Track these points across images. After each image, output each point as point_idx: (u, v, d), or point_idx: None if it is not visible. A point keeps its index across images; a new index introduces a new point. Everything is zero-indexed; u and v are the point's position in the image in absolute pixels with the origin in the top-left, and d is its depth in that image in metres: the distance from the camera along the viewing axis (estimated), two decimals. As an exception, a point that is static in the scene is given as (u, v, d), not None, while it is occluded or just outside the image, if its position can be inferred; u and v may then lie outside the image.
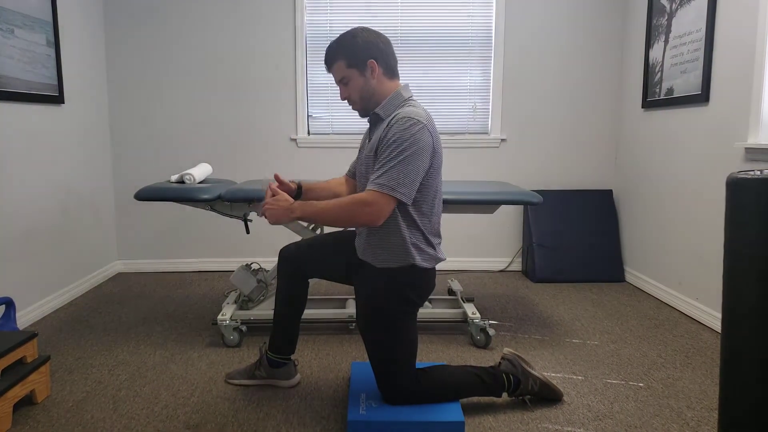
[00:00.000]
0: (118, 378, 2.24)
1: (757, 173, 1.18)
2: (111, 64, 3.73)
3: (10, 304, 2.37)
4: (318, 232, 2.70)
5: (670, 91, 3.19)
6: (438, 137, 1.79)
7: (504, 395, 2.00)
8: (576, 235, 3.75)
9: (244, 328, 2.56)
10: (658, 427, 1.89)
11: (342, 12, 3.74)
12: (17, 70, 2.76)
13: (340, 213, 1.73)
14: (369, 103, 1.88)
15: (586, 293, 3.42)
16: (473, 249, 3.96)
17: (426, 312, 2.65)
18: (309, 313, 2.63)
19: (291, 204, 1.77)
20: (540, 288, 3.53)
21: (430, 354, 2.48)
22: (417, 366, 2.08)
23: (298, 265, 2.05)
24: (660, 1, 3.30)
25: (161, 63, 3.74)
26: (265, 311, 2.63)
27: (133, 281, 3.66)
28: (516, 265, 3.97)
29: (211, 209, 2.63)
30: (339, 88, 1.90)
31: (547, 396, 2.03)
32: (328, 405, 2.04)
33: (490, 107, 3.83)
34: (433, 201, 1.84)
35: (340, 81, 1.88)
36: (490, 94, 3.82)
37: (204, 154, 3.83)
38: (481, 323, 2.53)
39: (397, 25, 3.76)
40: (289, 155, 3.84)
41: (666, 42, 3.24)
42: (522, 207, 3.93)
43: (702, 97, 2.88)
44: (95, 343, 2.60)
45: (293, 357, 2.45)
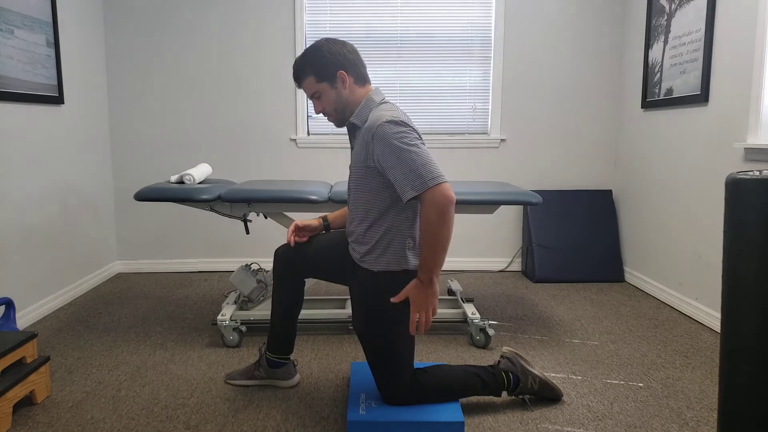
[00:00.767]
0: (117, 378, 2.24)
1: (757, 173, 1.18)
2: (111, 64, 3.73)
3: (9, 304, 2.37)
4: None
5: (669, 92, 3.19)
6: (416, 129, 1.78)
7: (504, 394, 2.00)
8: (576, 235, 3.75)
9: (243, 328, 2.56)
10: (657, 428, 1.89)
11: (342, 12, 3.74)
12: (17, 70, 2.76)
13: (437, 243, 1.66)
14: (344, 114, 1.89)
15: (585, 293, 3.42)
16: (473, 249, 3.96)
17: (426, 312, 2.65)
18: (309, 313, 2.63)
19: (420, 286, 1.73)
20: (540, 288, 3.54)
21: (429, 354, 2.48)
22: (416, 366, 2.08)
23: (293, 265, 2.04)
24: (659, 2, 3.30)
25: (161, 63, 3.74)
26: (265, 311, 2.63)
27: (133, 281, 3.66)
28: (516, 265, 3.97)
29: (211, 209, 2.64)
30: (312, 102, 1.90)
31: (547, 395, 2.04)
32: (327, 405, 2.04)
33: (489, 107, 3.83)
34: None
35: (312, 96, 1.88)
36: (489, 94, 3.82)
37: (204, 154, 3.83)
38: (481, 323, 2.54)
39: (397, 25, 3.76)
40: (289, 155, 3.84)
41: (665, 42, 3.24)
42: (522, 207, 3.93)
43: (701, 98, 2.88)
44: (95, 344, 2.60)
45: (292, 357, 2.45)
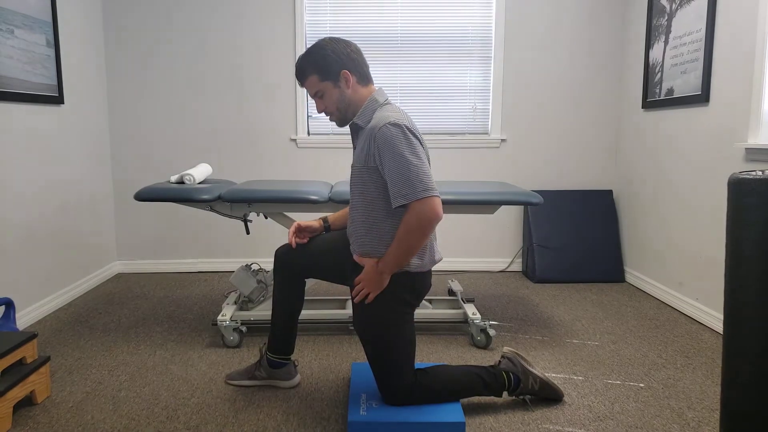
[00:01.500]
0: (118, 378, 2.24)
1: (759, 173, 1.18)
2: (111, 64, 3.73)
3: (9, 304, 2.37)
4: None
5: (670, 92, 3.19)
6: (419, 134, 1.78)
7: (504, 395, 2.00)
8: (576, 236, 3.75)
9: (244, 328, 2.55)
10: (658, 428, 1.89)
11: (342, 12, 3.74)
12: (17, 70, 2.76)
13: (408, 244, 1.72)
14: (347, 114, 1.88)
15: (586, 293, 3.42)
16: (473, 249, 3.96)
17: (426, 313, 2.65)
18: (309, 314, 2.63)
19: (376, 270, 1.77)
20: (540, 288, 3.53)
21: (430, 355, 2.48)
22: (417, 366, 2.08)
23: (294, 266, 2.04)
24: (660, 2, 3.30)
25: (161, 63, 3.73)
26: (265, 312, 2.63)
27: (133, 281, 3.66)
28: (516, 266, 3.97)
29: (211, 210, 2.63)
30: (315, 101, 1.89)
31: (548, 395, 2.03)
32: (328, 405, 2.03)
33: (490, 107, 3.83)
34: None
35: (314, 95, 1.87)
36: (490, 94, 3.82)
37: (204, 154, 3.83)
38: (482, 324, 2.53)
39: (397, 25, 3.75)
40: (289, 155, 3.84)
41: (666, 42, 3.24)
42: (522, 207, 3.93)
43: (702, 98, 2.88)
44: (95, 344, 2.60)
45: (293, 357, 2.45)
